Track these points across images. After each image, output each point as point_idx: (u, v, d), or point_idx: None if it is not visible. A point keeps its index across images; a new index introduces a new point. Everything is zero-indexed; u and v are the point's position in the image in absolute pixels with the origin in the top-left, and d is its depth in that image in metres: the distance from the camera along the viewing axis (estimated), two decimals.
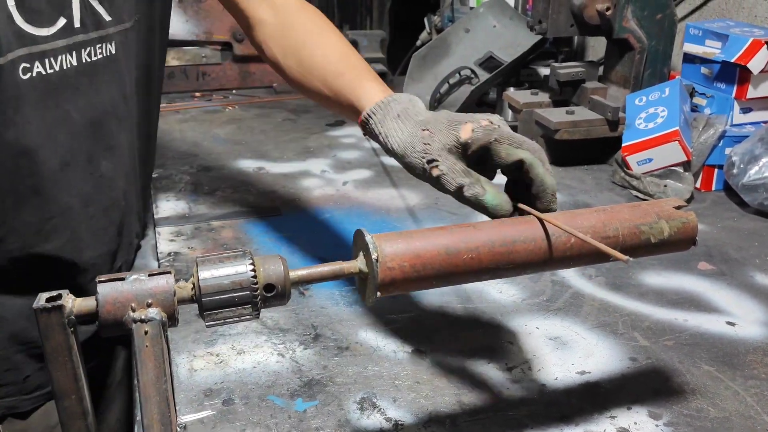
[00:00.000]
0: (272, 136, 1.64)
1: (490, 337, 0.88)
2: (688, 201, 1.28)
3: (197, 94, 1.94)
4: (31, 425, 0.99)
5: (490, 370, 0.82)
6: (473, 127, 0.70)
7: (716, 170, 1.33)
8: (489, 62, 1.74)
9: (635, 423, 0.73)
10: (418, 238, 0.59)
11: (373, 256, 0.57)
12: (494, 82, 1.73)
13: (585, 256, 0.63)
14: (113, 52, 0.90)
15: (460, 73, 1.73)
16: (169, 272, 0.54)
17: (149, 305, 0.52)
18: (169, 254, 1.08)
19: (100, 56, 0.88)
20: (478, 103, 1.82)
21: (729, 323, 0.92)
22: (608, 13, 1.38)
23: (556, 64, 1.52)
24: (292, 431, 0.72)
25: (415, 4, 2.39)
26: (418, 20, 2.23)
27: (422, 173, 0.73)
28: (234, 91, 2.01)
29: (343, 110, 0.89)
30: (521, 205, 0.68)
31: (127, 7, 0.91)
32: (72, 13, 0.84)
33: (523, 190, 0.71)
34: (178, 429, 0.71)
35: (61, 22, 0.83)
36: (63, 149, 0.88)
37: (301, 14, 0.98)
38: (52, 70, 0.83)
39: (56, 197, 0.90)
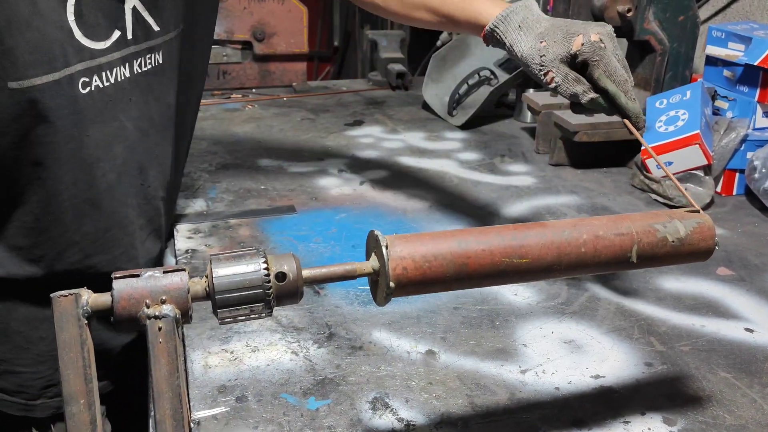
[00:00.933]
0: (291, 135, 1.64)
1: (505, 340, 0.88)
2: (709, 205, 1.27)
3: (216, 92, 1.96)
4: None
5: (504, 373, 0.82)
6: (583, 41, 0.80)
7: (737, 174, 1.32)
8: (508, 63, 1.73)
9: (649, 429, 0.73)
10: (430, 240, 0.59)
11: (385, 258, 0.57)
12: (514, 83, 1.72)
13: (601, 259, 0.62)
14: (160, 62, 0.91)
15: (479, 74, 1.72)
16: (183, 269, 0.55)
17: (163, 302, 0.53)
18: (186, 251, 1.09)
19: (149, 66, 0.90)
20: (497, 104, 1.82)
21: (747, 330, 0.91)
22: (629, 14, 1.36)
23: None
24: (305, 429, 0.72)
25: None
26: None
27: (541, 82, 0.84)
28: (254, 90, 2.02)
29: (460, 29, 0.99)
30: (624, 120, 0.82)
31: (174, 17, 0.92)
32: (125, 25, 0.85)
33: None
34: (192, 425, 0.72)
35: (116, 34, 0.84)
36: (119, 161, 0.89)
37: None
38: (108, 83, 0.84)
39: (114, 209, 0.91)
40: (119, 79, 0.86)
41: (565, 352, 0.86)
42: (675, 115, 1.31)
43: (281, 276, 0.56)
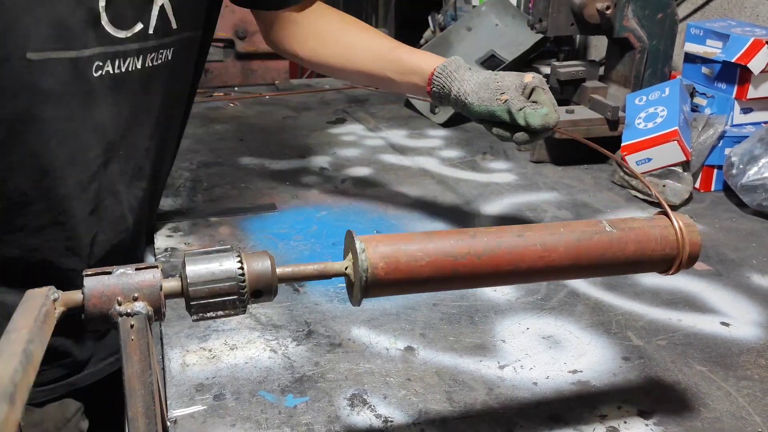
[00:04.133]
0: (273, 134, 1.64)
1: (483, 335, 0.88)
2: (687, 201, 1.28)
3: (198, 90, 1.94)
4: (46, 416, 1.00)
5: (482, 368, 0.82)
6: (534, 75, 0.97)
7: (715, 170, 1.33)
8: (490, 61, 1.74)
9: (625, 422, 0.73)
10: (406, 241, 0.59)
11: (360, 258, 0.57)
12: None
13: (567, 266, 0.62)
14: (170, 58, 0.95)
15: None
16: (156, 266, 0.54)
17: (135, 299, 0.53)
18: (166, 250, 1.08)
19: (159, 61, 0.93)
20: None
21: (723, 323, 0.92)
22: (608, 12, 1.37)
23: (557, 63, 1.52)
24: (282, 427, 0.72)
25: (420, 2, 2.39)
26: (423, 18, 2.22)
27: (490, 103, 0.95)
28: (236, 88, 2.01)
29: (401, 77, 1.05)
30: (557, 128, 0.98)
31: (195, 19, 0.97)
32: (150, 19, 0.89)
33: None
34: (169, 423, 0.71)
35: (138, 27, 0.88)
36: (107, 144, 0.92)
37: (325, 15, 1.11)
38: (119, 71, 0.88)
39: (100, 190, 0.93)
40: (130, 69, 0.90)
41: (543, 347, 0.86)
42: (654, 112, 1.32)
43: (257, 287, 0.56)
